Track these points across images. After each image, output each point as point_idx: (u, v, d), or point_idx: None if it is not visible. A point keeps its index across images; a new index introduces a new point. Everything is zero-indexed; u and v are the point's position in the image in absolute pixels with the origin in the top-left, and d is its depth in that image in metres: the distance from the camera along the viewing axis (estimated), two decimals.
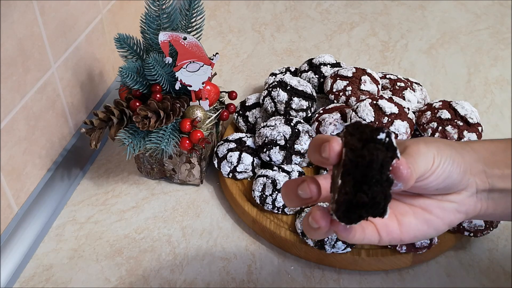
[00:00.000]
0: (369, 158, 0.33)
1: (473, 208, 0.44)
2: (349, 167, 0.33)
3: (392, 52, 1.13)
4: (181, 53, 0.68)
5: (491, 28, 1.21)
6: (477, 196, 0.43)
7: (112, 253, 0.71)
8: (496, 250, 0.72)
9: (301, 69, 0.91)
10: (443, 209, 0.43)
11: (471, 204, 0.43)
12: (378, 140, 0.33)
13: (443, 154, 0.40)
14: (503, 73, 1.07)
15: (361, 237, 0.39)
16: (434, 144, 0.40)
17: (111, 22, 0.90)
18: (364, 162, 0.33)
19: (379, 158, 0.33)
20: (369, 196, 0.33)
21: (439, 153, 0.40)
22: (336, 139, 0.35)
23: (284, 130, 0.75)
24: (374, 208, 0.34)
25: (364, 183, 0.33)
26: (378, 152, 0.33)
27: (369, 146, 0.33)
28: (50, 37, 0.71)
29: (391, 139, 0.33)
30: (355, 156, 0.33)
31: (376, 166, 0.33)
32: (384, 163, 0.33)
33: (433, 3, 1.30)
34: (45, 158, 0.74)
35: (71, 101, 0.80)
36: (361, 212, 0.34)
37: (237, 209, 0.76)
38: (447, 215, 0.43)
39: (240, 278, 0.68)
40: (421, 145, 0.40)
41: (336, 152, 0.35)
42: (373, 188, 0.33)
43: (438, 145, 0.40)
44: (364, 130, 0.34)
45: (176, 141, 0.70)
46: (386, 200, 0.34)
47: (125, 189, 0.81)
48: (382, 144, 0.33)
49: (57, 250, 0.71)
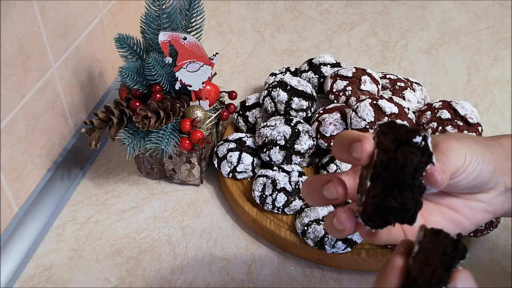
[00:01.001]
0: (403, 162, 0.31)
1: (501, 208, 0.42)
2: (380, 169, 0.32)
3: (392, 52, 1.13)
4: (181, 53, 0.68)
5: (491, 28, 1.21)
6: (505, 195, 0.42)
7: (112, 253, 0.71)
8: (496, 250, 0.72)
9: (301, 69, 0.91)
10: (471, 209, 0.41)
11: (499, 203, 0.42)
12: (414, 143, 0.32)
13: (474, 152, 0.38)
14: (503, 73, 1.07)
15: (387, 238, 0.38)
16: (465, 141, 0.39)
17: (111, 22, 0.90)
18: (397, 165, 0.31)
19: (413, 163, 0.31)
20: (398, 202, 0.32)
21: (470, 151, 0.38)
22: (368, 139, 0.33)
23: (284, 130, 0.75)
24: (403, 215, 0.32)
25: (394, 187, 0.32)
26: (413, 156, 0.31)
27: (404, 148, 0.31)
28: (50, 37, 0.71)
29: (427, 143, 0.32)
30: (387, 158, 0.32)
31: (409, 170, 0.31)
32: (418, 168, 0.31)
33: (433, 3, 1.30)
34: (45, 158, 0.74)
35: (71, 101, 0.80)
36: (388, 217, 0.32)
37: (237, 209, 0.76)
38: (474, 214, 0.41)
39: (240, 278, 0.68)
40: (453, 142, 0.38)
41: (368, 153, 0.33)
42: (404, 193, 0.32)
43: (468, 142, 0.39)
44: (399, 131, 0.32)
45: (176, 141, 0.70)
46: (416, 207, 0.32)
47: (125, 189, 0.81)
48: (417, 147, 0.32)
49: (57, 250, 0.71)
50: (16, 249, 0.68)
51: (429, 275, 0.31)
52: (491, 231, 0.70)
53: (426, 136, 0.32)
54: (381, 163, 0.32)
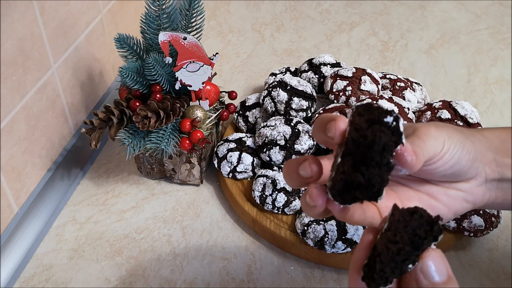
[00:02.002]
0: (371, 139, 0.32)
1: (481, 198, 0.42)
2: (350, 147, 0.33)
3: (392, 52, 1.13)
4: (181, 53, 0.68)
5: (491, 28, 1.21)
6: (486, 186, 0.42)
7: (112, 253, 0.71)
8: (496, 250, 0.72)
9: (301, 69, 0.91)
10: (450, 197, 0.41)
11: (480, 193, 0.42)
12: (385, 123, 0.32)
13: (453, 140, 0.39)
14: (503, 73, 1.07)
15: (361, 218, 0.38)
16: (445, 129, 0.39)
17: (111, 22, 0.90)
18: (366, 142, 0.32)
19: (381, 140, 0.32)
20: (365, 178, 0.32)
21: (449, 138, 0.38)
22: (342, 118, 0.34)
23: (284, 130, 0.75)
24: (368, 190, 0.33)
25: (363, 164, 0.32)
26: (382, 134, 0.32)
27: (374, 127, 0.32)
28: (50, 37, 0.71)
29: (398, 124, 0.32)
30: (358, 135, 0.32)
31: (377, 148, 0.32)
32: (386, 146, 0.32)
33: (433, 3, 1.30)
34: (45, 158, 0.74)
35: (71, 101, 0.80)
36: (355, 193, 0.33)
37: (237, 209, 0.76)
38: (453, 203, 0.42)
39: (240, 278, 0.68)
40: (432, 128, 0.39)
41: (341, 131, 0.34)
42: (371, 170, 0.32)
43: (448, 130, 0.39)
44: (373, 111, 0.33)
45: (176, 141, 0.70)
46: (382, 184, 0.33)
47: (125, 189, 0.81)
48: (388, 127, 0.32)
49: (57, 250, 0.71)
50: (16, 249, 0.68)
51: (394, 251, 0.32)
52: (491, 231, 0.70)
53: (398, 117, 0.33)
54: (352, 140, 0.33)
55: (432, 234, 0.32)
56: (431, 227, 0.32)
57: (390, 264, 0.32)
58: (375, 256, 0.33)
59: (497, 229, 0.72)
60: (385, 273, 0.32)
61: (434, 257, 0.32)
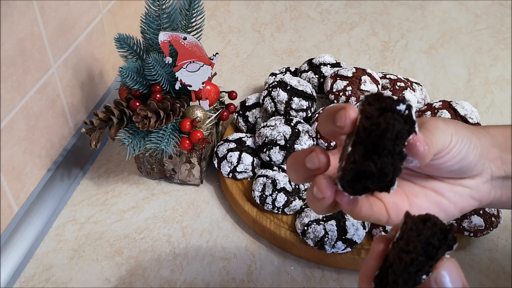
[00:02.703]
0: (384, 127, 0.31)
1: (487, 196, 0.42)
2: (361, 135, 0.31)
3: (392, 52, 1.13)
4: (181, 53, 0.68)
5: (491, 28, 1.21)
6: (492, 183, 0.41)
7: (112, 253, 0.71)
8: (496, 250, 0.72)
9: (301, 69, 0.91)
10: (456, 194, 0.41)
11: (485, 191, 0.41)
12: (398, 111, 0.31)
13: (460, 134, 0.38)
14: (503, 73, 1.07)
15: (368, 213, 0.37)
16: (452, 123, 0.39)
17: (111, 22, 0.90)
18: (378, 130, 0.31)
19: (394, 128, 0.31)
20: (377, 167, 0.31)
21: (456, 132, 0.38)
22: (352, 106, 0.33)
23: (284, 130, 0.75)
24: (380, 180, 0.32)
25: (374, 152, 0.31)
26: (395, 122, 0.31)
27: (387, 115, 0.31)
28: (50, 37, 0.71)
29: (411, 112, 0.31)
30: (370, 123, 0.31)
31: (390, 136, 0.31)
32: (399, 134, 0.31)
33: (433, 3, 1.30)
34: (45, 158, 0.74)
35: (71, 101, 0.80)
36: (367, 182, 0.32)
37: (237, 209, 0.76)
38: (459, 200, 0.41)
39: (240, 278, 0.68)
40: (440, 122, 0.38)
41: (352, 120, 0.32)
42: (383, 158, 0.31)
43: (455, 125, 0.39)
44: (384, 100, 0.32)
45: (176, 141, 0.70)
46: (395, 173, 0.31)
47: (125, 189, 0.81)
48: (401, 115, 0.31)
49: (57, 250, 0.71)
50: (16, 249, 0.68)
51: (407, 262, 0.31)
52: (491, 231, 0.70)
53: (410, 106, 0.32)
54: (363, 129, 0.31)
55: (447, 243, 0.31)
56: (445, 235, 0.31)
57: (403, 275, 0.31)
58: (387, 267, 0.32)
59: (497, 229, 0.72)
60: (398, 285, 0.31)
61: (449, 267, 0.31)
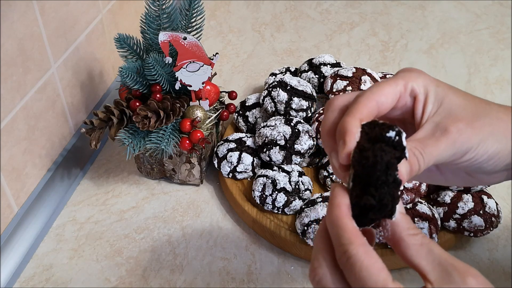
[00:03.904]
0: (373, 160, 0.31)
1: None
2: (357, 169, 0.32)
3: (392, 52, 1.13)
4: (181, 53, 0.68)
5: (491, 28, 1.21)
6: None
7: (112, 253, 0.71)
8: (496, 250, 0.72)
9: (301, 69, 0.91)
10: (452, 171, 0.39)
11: None
12: (387, 138, 0.32)
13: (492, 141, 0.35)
14: (503, 73, 1.07)
15: None
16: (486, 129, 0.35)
17: (111, 22, 0.90)
18: (369, 163, 0.31)
19: (383, 160, 0.31)
20: (376, 199, 0.32)
21: (485, 141, 0.35)
22: (351, 136, 0.33)
23: (284, 130, 0.75)
24: (381, 211, 0.32)
25: (370, 185, 0.32)
26: (383, 153, 0.31)
27: (376, 146, 0.32)
28: (50, 37, 0.71)
29: (401, 138, 0.32)
30: (361, 157, 0.32)
31: (380, 167, 0.31)
32: (389, 165, 0.32)
33: (433, 3, 1.30)
34: (45, 158, 0.74)
35: (71, 101, 0.80)
36: (370, 215, 0.33)
37: (237, 209, 0.76)
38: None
39: (240, 278, 0.68)
40: (464, 133, 0.34)
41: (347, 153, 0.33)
42: (380, 190, 0.32)
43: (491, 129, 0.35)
44: (375, 129, 0.32)
45: (176, 141, 0.70)
46: (394, 202, 0.32)
47: (125, 189, 0.81)
48: (391, 143, 0.32)
49: (57, 250, 0.71)
50: (16, 249, 0.68)
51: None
52: (491, 231, 0.70)
53: (400, 132, 0.32)
54: (357, 162, 0.32)
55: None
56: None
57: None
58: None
59: (497, 229, 0.72)
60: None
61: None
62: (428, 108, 0.36)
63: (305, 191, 0.72)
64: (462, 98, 0.36)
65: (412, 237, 0.33)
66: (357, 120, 0.34)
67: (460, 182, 0.41)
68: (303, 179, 0.73)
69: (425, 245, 0.32)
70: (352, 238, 0.31)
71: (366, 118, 0.34)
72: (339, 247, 0.32)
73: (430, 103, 0.36)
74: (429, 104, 0.36)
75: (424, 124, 0.35)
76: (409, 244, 0.33)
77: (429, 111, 0.36)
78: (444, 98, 0.36)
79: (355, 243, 0.31)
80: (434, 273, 0.31)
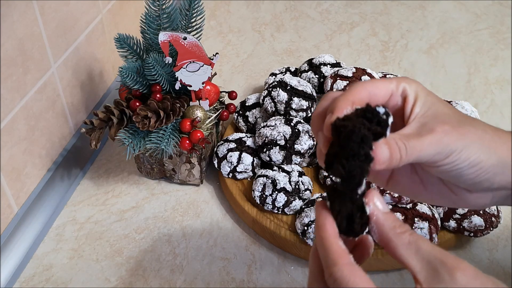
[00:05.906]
0: (350, 129, 0.32)
1: None
2: (334, 138, 0.33)
3: (392, 52, 1.13)
4: (181, 53, 0.68)
5: (491, 28, 1.21)
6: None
7: (112, 253, 0.71)
8: (496, 250, 0.72)
9: (301, 69, 0.91)
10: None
11: None
12: (376, 113, 0.33)
13: (474, 149, 0.35)
14: (503, 73, 1.07)
15: None
16: (472, 134, 0.35)
17: (111, 22, 0.90)
18: (345, 132, 0.32)
19: (360, 132, 0.32)
20: (346, 169, 0.32)
21: (467, 148, 0.35)
22: (338, 113, 0.34)
23: (284, 130, 0.75)
24: (349, 182, 0.33)
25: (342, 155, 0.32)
26: (362, 126, 0.32)
27: (358, 119, 0.32)
28: (50, 37, 0.71)
29: (387, 117, 0.33)
30: (340, 125, 0.32)
31: (356, 138, 0.32)
32: (364, 138, 0.32)
33: (433, 3, 1.30)
34: (45, 158, 0.74)
35: (71, 101, 0.80)
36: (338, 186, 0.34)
37: (237, 209, 0.76)
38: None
39: (240, 278, 0.68)
40: (449, 134, 0.35)
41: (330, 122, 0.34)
42: (350, 161, 0.32)
43: (475, 135, 0.36)
44: (367, 106, 0.33)
45: (176, 141, 0.70)
46: (362, 176, 0.32)
47: (125, 189, 0.81)
48: (376, 117, 0.33)
49: (57, 250, 0.71)
50: (16, 249, 0.68)
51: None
52: (491, 231, 0.70)
53: (389, 113, 0.33)
54: (335, 131, 0.33)
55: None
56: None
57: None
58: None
59: (497, 229, 0.72)
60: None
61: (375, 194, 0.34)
62: (416, 109, 0.37)
63: (305, 191, 0.72)
64: (449, 109, 0.37)
65: (399, 236, 0.33)
66: (349, 101, 0.35)
67: (443, 201, 0.42)
68: (303, 179, 0.73)
69: (413, 243, 0.32)
70: (336, 259, 0.32)
71: (358, 103, 0.35)
72: (326, 269, 0.33)
73: (418, 106, 0.37)
74: (417, 107, 0.37)
75: (411, 122, 0.36)
76: (397, 244, 0.33)
77: (416, 112, 0.37)
78: (432, 105, 0.37)
79: (339, 264, 0.32)
80: (423, 273, 0.32)
